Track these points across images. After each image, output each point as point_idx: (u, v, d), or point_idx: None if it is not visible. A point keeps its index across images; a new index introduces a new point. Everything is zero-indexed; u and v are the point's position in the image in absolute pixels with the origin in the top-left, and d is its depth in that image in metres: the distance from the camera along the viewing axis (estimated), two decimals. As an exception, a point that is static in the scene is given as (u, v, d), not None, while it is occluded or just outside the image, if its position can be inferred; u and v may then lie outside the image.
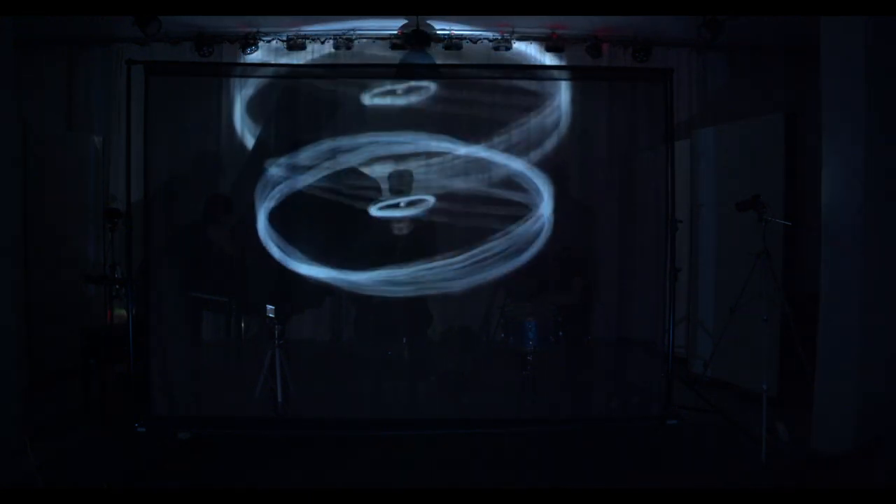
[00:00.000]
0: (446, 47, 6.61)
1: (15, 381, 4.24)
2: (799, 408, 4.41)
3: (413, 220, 4.80)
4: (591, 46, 6.69)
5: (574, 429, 4.51)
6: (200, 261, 4.74)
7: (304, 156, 4.69)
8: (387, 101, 4.91)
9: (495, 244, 4.73)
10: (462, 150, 4.72)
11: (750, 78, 6.80)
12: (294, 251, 4.64)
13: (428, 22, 6.36)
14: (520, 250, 4.75)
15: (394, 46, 6.60)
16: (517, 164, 4.76)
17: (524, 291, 4.92)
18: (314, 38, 6.68)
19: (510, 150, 4.77)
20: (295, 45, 6.64)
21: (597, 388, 4.81)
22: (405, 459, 4.11)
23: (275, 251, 4.64)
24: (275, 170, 4.66)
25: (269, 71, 5.26)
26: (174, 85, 4.52)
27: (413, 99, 4.92)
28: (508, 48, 6.71)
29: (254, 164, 4.76)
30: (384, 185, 4.89)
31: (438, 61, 6.34)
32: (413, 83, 4.91)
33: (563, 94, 4.87)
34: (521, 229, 4.76)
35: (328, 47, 6.68)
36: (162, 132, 4.37)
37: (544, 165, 4.80)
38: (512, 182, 4.76)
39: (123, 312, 5.07)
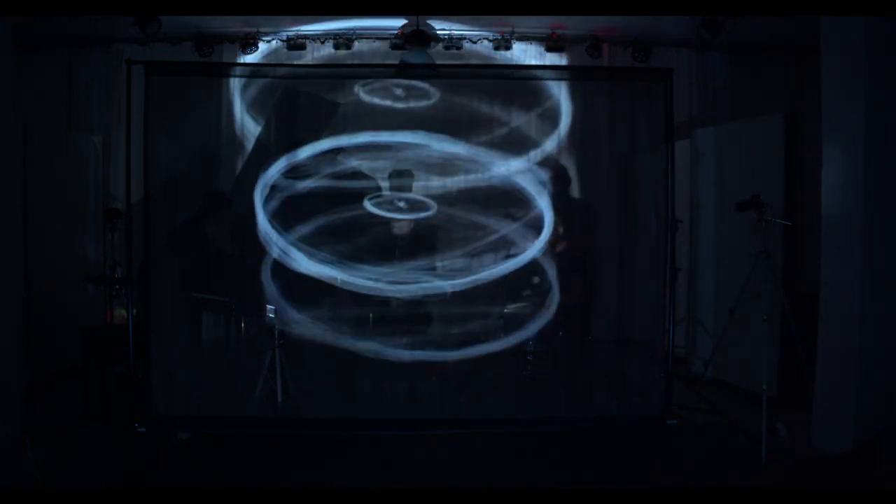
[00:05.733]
0: (446, 47, 6.61)
1: (15, 381, 4.24)
2: (799, 408, 4.41)
3: (413, 220, 4.80)
4: (591, 46, 6.69)
5: (574, 429, 4.52)
6: (200, 261, 4.74)
7: (304, 156, 4.69)
8: (387, 101, 4.91)
9: (495, 244, 4.73)
10: (462, 150, 4.72)
11: (750, 78, 6.79)
12: (294, 251, 4.64)
13: (428, 22, 6.36)
14: (519, 250, 4.75)
15: (394, 46, 6.59)
16: (517, 165, 4.76)
17: (524, 291, 4.92)
18: (314, 38, 6.67)
19: (510, 150, 4.76)
20: (295, 45, 6.64)
21: (597, 387, 4.81)
22: (405, 459, 4.11)
23: (275, 251, 4.64)
24: (274, 170, 4.66)
25: (269, 71, 5.26)
26: (174, 85, 4.52)
27: (412, 99, 4.91)
28: (508, 48, 6.70)
29: (254, 164, 4.76)
30: (385, 185, 4.89)
31: (438, 61, 6.34)
32: (413, 83, 4.90)
33: (562, 94, 4.87)
34: (521, 230, 4.76)
35: (328, 47, 6.67)
36: (162, 132, 4.37)
37: (544, 166, 4.80)
38: (512, 182, 4.76)
39: (123, 312, 5.08)
